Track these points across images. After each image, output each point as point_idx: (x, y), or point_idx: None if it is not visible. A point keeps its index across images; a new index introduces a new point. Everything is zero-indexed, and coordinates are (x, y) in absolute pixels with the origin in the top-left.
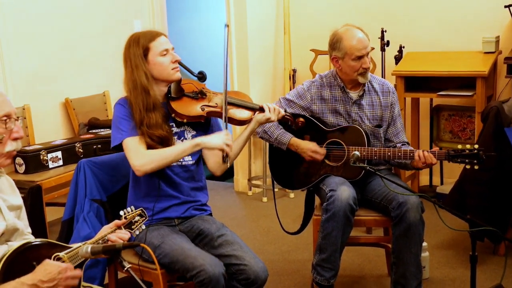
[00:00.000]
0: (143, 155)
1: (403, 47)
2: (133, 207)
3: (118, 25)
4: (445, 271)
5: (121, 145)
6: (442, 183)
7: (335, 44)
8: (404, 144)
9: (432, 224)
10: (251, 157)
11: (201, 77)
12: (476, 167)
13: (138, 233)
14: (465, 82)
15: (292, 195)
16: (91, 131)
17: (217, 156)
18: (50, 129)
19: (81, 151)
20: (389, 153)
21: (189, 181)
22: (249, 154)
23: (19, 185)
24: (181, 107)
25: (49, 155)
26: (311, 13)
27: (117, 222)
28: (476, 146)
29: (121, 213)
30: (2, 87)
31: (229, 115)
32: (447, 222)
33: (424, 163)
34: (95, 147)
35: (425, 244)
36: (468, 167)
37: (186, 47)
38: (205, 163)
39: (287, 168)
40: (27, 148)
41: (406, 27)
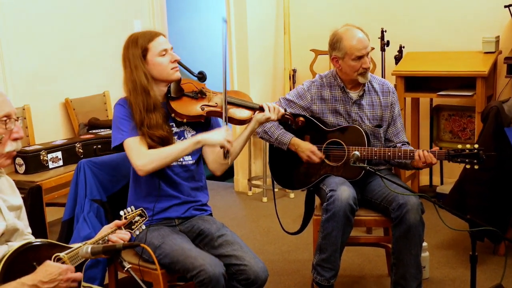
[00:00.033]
0: (145, 154)
1: (403, 47)
2: (133, 207)
3: (118, 25)
4: (445, 271)
5: (122, 145)
6: (442, 183)
7: (335, 44)
8: (404, 144)
9: (432, 224)
10: (251, 157)
11: (201, 77)
12: (476, 167)
13: (138, 233)
14: (465, 82)
15: (292, 195)
16: (91, 131)
17: (217, 155)
18: (50, 129)
19: (81, 151)
20: (389, 153)
21: (189, 181)
22: (249, 154)
23: (19, 185)
24: (181, 107)
25: (49, 155)
26: (311, 13)
27: (117, 222)
28: (476, 146)
29: (121, 213)
30: (2, 87)
31: (229, 114)
32: (447, 222)
33: (424, 163)
34: (95, 147)
35: (425, 244)
36: (468, 167)
37: (186, 47)
38: (205, 163)
39: (287, 168)
40: (27, 148)
41: (406, 27)
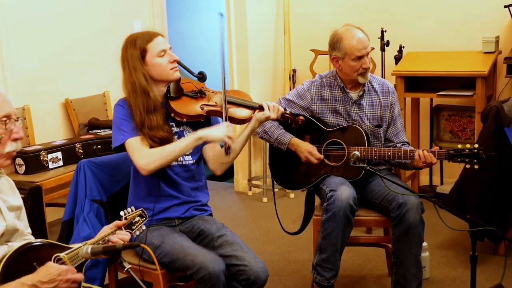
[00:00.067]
0: (147, 154)
1: (403, 47)
2: (133, 208)
3: (118, 25)
4: (445, 271)
5: (123, 146)
6: (442, 183)
7: (335, 44)
8: (404, 144)
9: (432, 224)
10: (251, 157)
11: (201, 77)
12: (476, 166)
13: (138, 233)
14: (465, 82)
15: (292, 195)
16: (91, 132)
17: (217, 155)
18: (50, 130)
19: (81, 151)
20: (389, 153)
21: (189, 181)
22: (249, 154)
23: (19, 186)
24: (181, 107)
25: (49, 156)
26: (311, 13)
27: (117, 222)
28: (476, 145)
29: (122, 213)
30: (2, 87)
31: (229, 114)
32: (447, 222)
33: (424, 163)
34: (95, 147)
35: (425, 244)
36: (468, 166)
37: (186, 47)
38: (206, 163)
39: (287, 168)
40: (27, 148)
41: (406, 27)
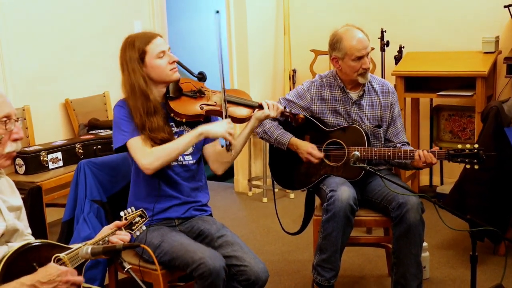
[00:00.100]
0: (150, 153)
1: (403, 47)
2: (133, 208)
3: (118, 25)
4: (446, 271)
5: (124, 146)
6: (442, 183)
7: (335, 44)
8: (404, 144)
9: (432, 224)
10: (251, 157)
11: (201, 77)
12: (476, 166)
13: (138, 234)
14: (465, 82)
15: (292, 195)
16: (91, 132)
17: (218, 154)
18: (50, 130)
19: (81, 151)
20: (389, 153)
21: (189, 181)
22: (249, 154)
23: (19, 186)
24: (180, 107)
25: (49, 156)
26: (311, 14)
27: (117, 223)
28: (476, 145)
29: (122, 214)
30: (2, 87)
31: (228, 113)
32: (447, 222)
33: (424, 163)
34: (95, 147)
35: (425, 244)
36: (468, 166)
37: (186, 47)
38: (206, 163)
39: (287, 168)
40: (27, 149)
41: (406, 27)
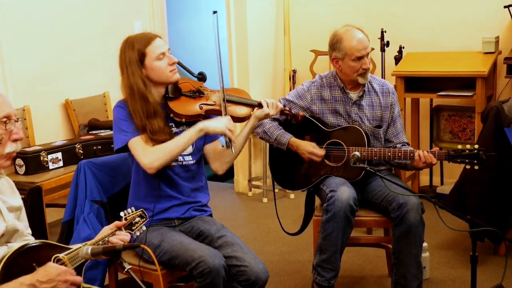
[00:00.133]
0: (151, 152)
1: (403, 48)
2: (133, 208)
3: (118, 25)
4: (446, 272)
5: (126, 146)
6: (442, 184)
7: (335, 44)
8: (404, 144)
9: (432, 224)
10: (251, 157)
11: (201, 77)
12: (476, 167)
13: (138, 234)
14: (465, 82)
15: (292, 195)
16: (91, 132)
17: (219, 154)
18: (50, 130)
19: (81, 152)
20: (389, 154)
21: (189, 181)
22: (249, 154)
23: (19, 186)
24: (179, 107)
25: (49, 156)
26: (311, 14)
27: (117, 223)
28: (476, 146)
29: (122, 214)
30: (2, 87)
31: (228, 112)
32: (448, 222)
33: (424, 163)
34: (95, 148)
35: (425, 244)
36: (468, 167)
37: (186, 47)
38: (207, 163)
39: (287, 168)
40: (27, 149)
41: (406, 27)
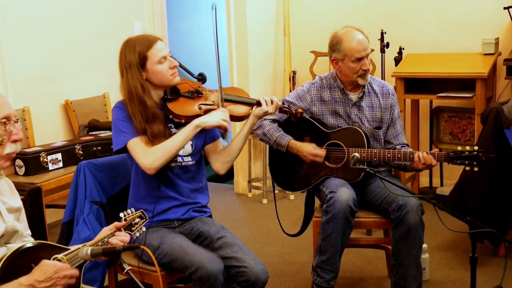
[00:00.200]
0: (150, 153)
1: (403, 49)
2: (133, 209)
3: (118, 25)
4: (445, 273)
5: (125, 147)
6: (442, 185)
7: (335, 45)
8: (403, 146)
9: (432, 225)
10: (251, 158)
11: (201, 78)
12: (475, 168)
13: (138, 235)
14: (465, 83)
15: (292, 196)
16: (91, 133)
17: (220, 154)
18: (50, 131)
19: (81, 153)
20: (388, 155)
21: (189, 182)
22: (249, 155)
23: (19, 187)
24: (178, 108)
25: (49, 157)
26: (311, 15)
27: (117, 224)
28: (475, 147)
29: (121, 215)
30: (2, 88)
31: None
32: (447, 223)
33: (423, 165)
34: (95, 149)
35: (425, 245)
36: (467, 168)
37: (186, 47)
38: (208, 163)
39: (287, 170)
40: (27, 150)
41: (405, 28)
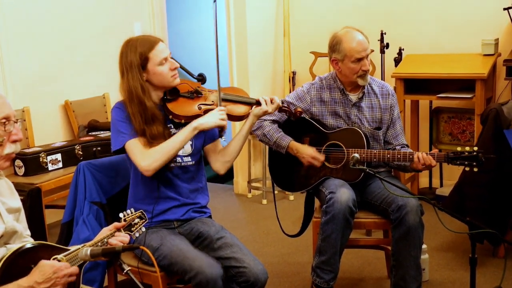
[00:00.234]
0: (148, 155)
1: (403, 49)
2: (132, 209)
3: (118, 26)
4: (445, 273)
5: (123, 148)
6: (441, 185)
7: (334, 46)
8: (403, 146)
9: (431, 226)
10: (251, 159)
11: (201, 79)
12: (475, 169)
13: (138, 235)
14: (465, 84)
15: (291, 197)
16: (90, 133)
17: (219, 154)
18: (49, 132)
19: (81, 153)
20: (388, 155)
21: (188, 182)
22: (248, 156)
23: (19, 188)
24: (178, 108)
25: (49, 158)
26: (311, 16)
27: (116, 224)
28: (475, 148)
29: (121, 215)
30: (2, 88)
31: (226, 111)
32: (447, 224)
33: (423, 165)
34: (94, 149)
35: (424, 246)
36: (467, 169)
37: (185, 48)
38: (208, 164)
39: (286, 170)
40: (27, 150)
41: (405, 29)
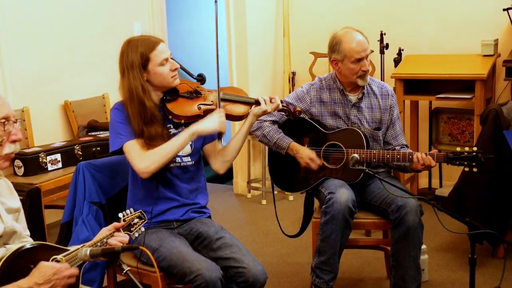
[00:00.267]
0: (146, 157)
1: (402, 50)
2: (132, 210)
3: (118, 26)
4: (444, 274)
5: (121, 149)
6: (441, 186)
7: (334, 46)
8: (403, 147)
9: (431, 226)
10: (251, 159)
11: (201, 79)
12: (474, 169)
13: (137, 235)
14: (464, 85)
15: (291, 197)
16: (90, 134)
17: (219, 154)
18: (49, 132)
19: (80, 153)
20: (388, 156)
21: (188, 182)
22: (248, 156)
23: (18, 188)
24: (177, 108)
25: (48, 158)
26: (311, 16)
27: (115, 224)
28: (474, 148)
29: (120, 215)
30: (1, 88)
31: (226, 111)
32: (446, 224)
33: (423, 166)
34: (94, 149)
35: (424, 246)
36: (466, 169)
37: (185, 48)
38: (207, 164)
39: (286, 170)
40: (26, 150)
41: (405, 30)
